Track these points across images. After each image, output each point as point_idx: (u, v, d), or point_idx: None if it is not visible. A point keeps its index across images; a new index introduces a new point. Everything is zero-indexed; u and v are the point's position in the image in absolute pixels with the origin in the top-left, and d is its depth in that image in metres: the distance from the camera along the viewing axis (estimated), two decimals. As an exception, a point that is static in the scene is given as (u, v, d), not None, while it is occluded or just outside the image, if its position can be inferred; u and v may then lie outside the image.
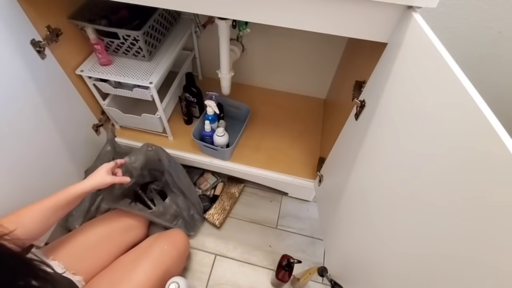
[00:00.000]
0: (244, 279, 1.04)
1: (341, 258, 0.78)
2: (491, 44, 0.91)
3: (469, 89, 0.34)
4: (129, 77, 0.93)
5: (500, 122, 0.31)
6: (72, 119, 0.98)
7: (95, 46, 0.90)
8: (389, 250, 0.52)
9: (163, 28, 1.01)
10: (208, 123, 1.06)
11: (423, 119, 0.44)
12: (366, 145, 0.64)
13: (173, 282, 0.79)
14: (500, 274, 0.29)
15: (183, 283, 0.79)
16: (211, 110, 1.04)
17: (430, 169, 0.41)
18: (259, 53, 1.23)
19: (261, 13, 0.58)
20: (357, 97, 0.70)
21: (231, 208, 1.19)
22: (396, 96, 0.53)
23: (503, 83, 1.00)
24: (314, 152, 1.16)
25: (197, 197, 1.12)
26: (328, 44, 1.12)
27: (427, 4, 0.49)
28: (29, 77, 0.78)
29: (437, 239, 0.38)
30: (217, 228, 1.14)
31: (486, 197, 0.31)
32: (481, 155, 0.32)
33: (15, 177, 0.78)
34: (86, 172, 1.08)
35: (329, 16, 0.56)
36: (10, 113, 0.74)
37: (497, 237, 0.30)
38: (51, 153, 0.91)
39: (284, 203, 1.23)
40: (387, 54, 0.58)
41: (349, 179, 0.72)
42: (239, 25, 0.97)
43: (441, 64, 0.39)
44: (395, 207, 0.50)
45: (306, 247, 1.12)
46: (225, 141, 1.08)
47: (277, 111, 1.30)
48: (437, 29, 0.44)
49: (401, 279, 0.47)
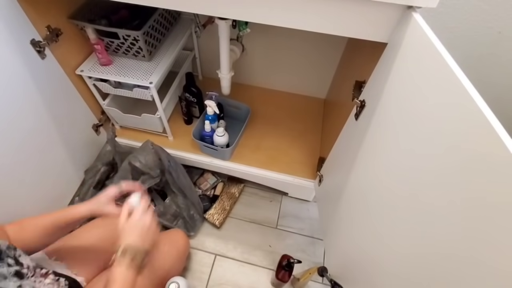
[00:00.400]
0: (244, 279, 1.04)
1: (341, 258, 0.78)
2: (491, 44, 0.91)
3: (469, 89, 0.34)
4: (129, 77, 0.93)
5: (500, 122, 0.31)
6: (72, 119, 0.98)
7: (95, 46, 0.90)
8: (388, 250, 0.52)
9: (163, 28, 1.01)
10: (208, 123, 1.06)
11: (423, 119, 0.44)
12: (366, 145, 0.64)
13: (173, 282, 0.79)
14: (500, 274, 0.29)
15: (183, 283, 0.79)
16: (211, 110, 1.04)
17: (429, 169, 0.41)
18: (259, 53, 1.23)
19: (261, 13, 0.58)
20: (357, 97, 0.70)
21: (231, 208, 1.19)
22: (396, 96, 0.53)
23: (503, 83, 1.00)
24: (314, 152, 1.16)
25: (197, 197, 1.12)
26: (328, 44, 1.12)
27: (427, 4, 0.49)
28: (29, 77, 0.78)
29: (437, 239, 0.38)
30: (217, 228, 1.14)
31: (486, 197, 0.31)
32: (481, 155, 0.32)
33: (15, 177, 0.78)
34: (86, 172, 1.08)
35: (329, 16, 0.56)
36: (10, 112, 0.74)
37: (497, 237, 0.30)
38: (51, 153, 0.91)
39: (284, 203, 1.23)
40: (387, 54, 0.58)
41: (349, 179, 0.72)
42: (239, 25, 0.97)
43: (441, 64, 0.39)
44: (395, 207, 0.50)
45: (306, 247, 1.11)
46: (225, 141, 1.08)
47: (277, 111, 1.30)
48: (437, 29, 0.44)
49: (401, 279, 0.47)
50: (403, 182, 0.48)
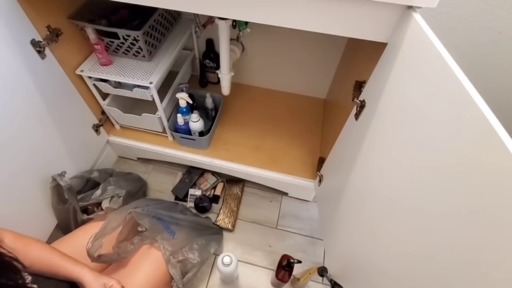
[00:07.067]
0: (244, 279, 1.04)
1: (341, 258, 0.78)
2: (491, 44, 0.91)
3: (469, 89, 0.34)
4: (129, 77, 0.93)
5: (500, 122, 0.31)
6: (72, 119, 0.98)
7: (95, 46, 0.90)
8: (387, 251, 0.52)
9: (163, 28, 1.01)
10: (181, 116, 1.06)
11: (423, 119, 0.44)
12: (366, 145, 0.64)
13: (226, 255, 0.84)
14: (499, 276, 0.29)
15: (234, 257, 0.85)
16: (184, 102, 1.04)
17: (429, 169, 0.41)
18: (259, 53, 1.23)
19: (261, 13, 0.58)
20: (357, 97, 0.70)
21: (238, 209, 1.19)
22: (396, 96, 0.53)
23: (503, 83, 1.00)
24: (314, 152, 1.16)
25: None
26: (328, 44, 1.12)
27: (427, 4, 0.49)
28: (29, 77, 0.78)
29: (437, 241, 0.38)
30: (231, 231, 1.13)
31: (487, 201, 0.31)
32: (482, 156, 0.32)
33: (15, 177, 0.78)
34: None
35: (329, 16, 0.56)
36: (9, 112, 0.74)
37: (495, 239, 0.30)
38: (51, 153, 0.91)
39: (284, 203, 1.23)
40: (387, 54, 0.58)
41: (349, 179, 0.72)
42: (239, 25, 0.97)
43: (441, 64, 0.39)
44: (394, 207, 0.50)
45: (306, 247, 1.12)
46: (200, 127, 1.08)
47: (277, 111, 1.30)
48: (437, 29, 0.44)
49: (400, 280, 0.47)
50: (403, 182, 0.48)
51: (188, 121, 1.08)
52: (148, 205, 0.94)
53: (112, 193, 1.01)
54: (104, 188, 1.01)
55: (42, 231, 0.92)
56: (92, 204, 1.00)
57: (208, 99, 1.18)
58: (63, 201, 0.91)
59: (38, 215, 0.90)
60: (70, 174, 0.99)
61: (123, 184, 1.05)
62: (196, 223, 1.00)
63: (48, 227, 0.95)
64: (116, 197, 1.02)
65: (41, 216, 0.91)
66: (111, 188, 1.02)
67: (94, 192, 0.99)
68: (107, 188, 1.01)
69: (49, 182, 0.89)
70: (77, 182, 1.01)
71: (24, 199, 0.83)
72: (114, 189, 1.02)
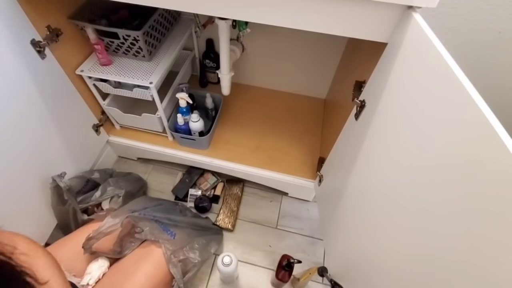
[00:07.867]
0: (244, 279, 1.04)
1: (341, 258, 0.78)
2: (491, 44, 0.91)
3: (469, 89, 0.34)
4: (129, 77, 0.93)
5: (500, 122, 0.31)
6: (72, 119, 0.98)
7: (95, 46, 0.90)
8: (387, 251, 0.52)
9: (163, 28, 1.01)
10: (181, 116, 1.06)
11: (423, 119, 0.44)
12: (366, 145, 0.64)
13: (226, 255, 0.84)
14: (498, 278, 0.29)
15: (234, 257, 0.85)
16: (184, 102, 1.04)
17: (429, 169, 0.41)
18: (259, 53, 1.23)
19: (261, 13, 0.58)
20: (357, 97, 0.70)
21: (238, 209, 1.19)
22: (396, 96, 0.53)
23: (503, 83, 1.00)
24: (314, 152, 1.16)
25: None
26: (328, 44, 1.12)
27: (427, 4, 0.49)
28: (29, 77, 0.78)
29: (437, 240, 0.38)
30: (231, 231, 1.13)
31: (487, 201, 0.31)
32: (482, 156, 0.32)
33: (15, 177, 0.78)
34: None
35: (329, 16, 0.56)
36: (9, 112, 0.74)
37: (496, 239, 0.30)
38: (51, 153, 0.91)
39: (284, 203, 1.23)
40: (387, 54, 0.58)
41: (349, 179, 0.72)
42: (239, 25, 0.97)
43: (441, 64, 0.39)
44: (394, 207, 0.50)
45: (306, 247, 1.11)
46: (200, 126, 1.08)
47: (277, 111, 1.30)
48: (437, 29, 0.44)
49: (400, 280, 0.47)
50: (403, 182, 0.48)
51: (188, 121, 1.08)
52: (146, 208, 0.94)
53: (111, 193, 1.01)
54: (104, 189, 1.00)
55: (42, 231, 0.92)
56: (92, 205, 1.00)
57: (208, 99, 1.18)
58: (62, 202, 0.91)
59: (38, 215, 0.90)
60: (70, 174, 0.99)
61: (123, 184, 1.05)
62: (195, 224, 1.00)
63: (48, 227, 0.94)
64: (116, 197, 1.02)
65: (41, 216, 0.91)
66: (111, 189, 1.01)
67: (94, 193, 0.99)
68: (107, 189, 1.01)
69: (49, 182, 0.89)
70: (77, 182, 1.01)
71: (24, 199, 0.83)
72: (113, 189, 1.02)
